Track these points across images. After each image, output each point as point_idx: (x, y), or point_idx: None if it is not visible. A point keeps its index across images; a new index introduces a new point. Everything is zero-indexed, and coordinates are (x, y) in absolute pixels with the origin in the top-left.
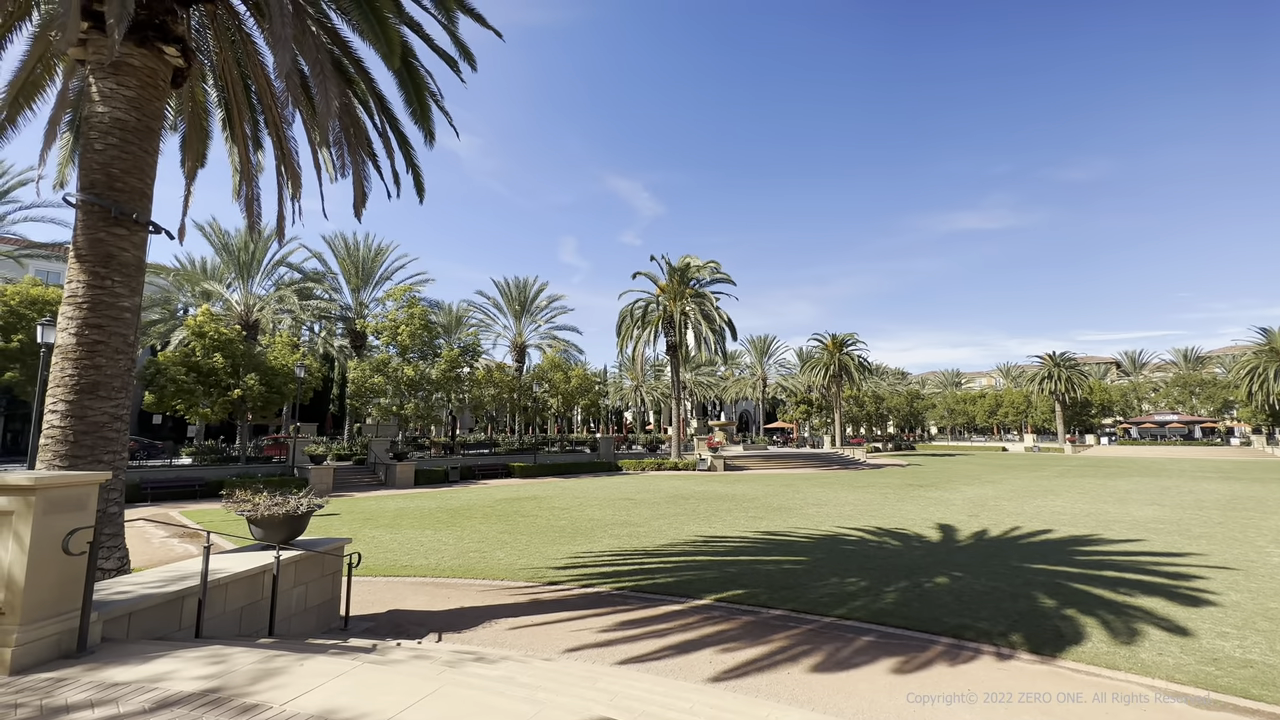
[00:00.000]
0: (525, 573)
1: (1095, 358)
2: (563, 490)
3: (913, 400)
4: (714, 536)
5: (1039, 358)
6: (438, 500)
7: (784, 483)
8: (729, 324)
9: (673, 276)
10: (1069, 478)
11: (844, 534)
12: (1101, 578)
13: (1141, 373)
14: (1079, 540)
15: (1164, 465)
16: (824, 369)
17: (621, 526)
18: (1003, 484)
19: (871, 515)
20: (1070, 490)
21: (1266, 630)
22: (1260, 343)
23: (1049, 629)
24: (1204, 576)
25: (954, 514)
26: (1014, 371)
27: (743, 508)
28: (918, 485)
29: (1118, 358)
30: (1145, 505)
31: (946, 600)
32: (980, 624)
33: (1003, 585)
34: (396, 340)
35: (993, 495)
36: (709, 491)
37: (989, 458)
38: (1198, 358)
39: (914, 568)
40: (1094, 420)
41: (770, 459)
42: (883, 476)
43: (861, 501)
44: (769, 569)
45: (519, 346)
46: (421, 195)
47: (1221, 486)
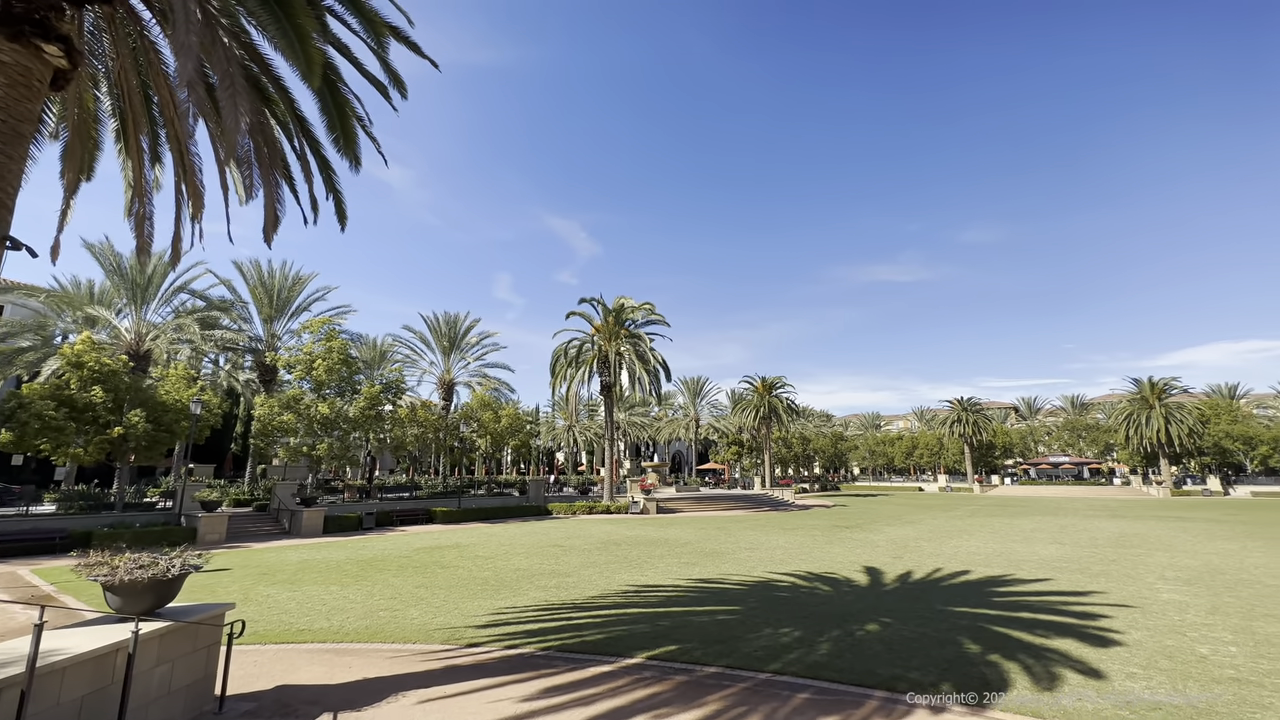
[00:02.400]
0: (441, 633)
1: (997, 403)
2: (488, 537)
3: (837, 442)
4: (646, 586)
5: (949, 402)
6: (348, 550)
7: (717, 525)
8: (663, 365)
9: (608, 317)
10: (979, 517)
11: (776, 580)
12: (1018, 619)
13: (1036, 417)
14: (995, 581)
15: (1060, 504)
16: (754, 410)
17: (549, 577)
18: (921, 524)
19: (802, 559)
20: (982, 530)
21: (1168, 669)
22: (1133, 392)
23: (976, 677)
24: (1108, 615)
25: (879, 556)
26: (927, 415)
27: (676, 553)
28: (844, 526)
29: (1016, 403)
30: (1049, 544)
31: (878, 649)
32: (912, 674)
33: (930, 631)
34: (311, 375)
35: (914, 536)
36: (641, 536)
37: (907, 497)
38: (1083, 404)
39: (845, 614)
40: (998, 461)
41: (702, 501)
42: (811, 518)
43: (792, 545)
44: (703, 620)
45: (447, 384)
46: (343, 223)
47: (1110, 524)
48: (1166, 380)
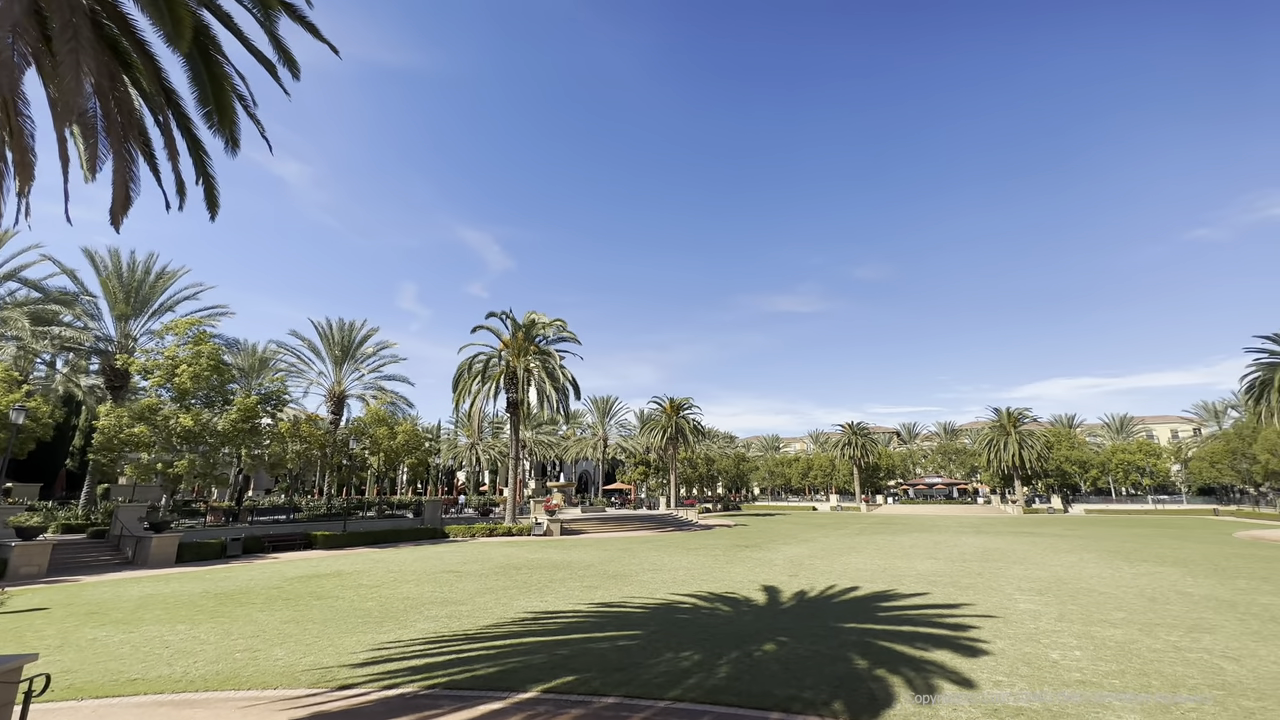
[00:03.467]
0: (310, 675)
1: (882, 427)
2: (375, 563)
3: (740, 463)
4: (545, 612)
5: (841, 426)
6: (205, 582)
7: (621, 547)
8: (573, 383)
9: (517, 332)
10: (866, 535)
11: (679, 602)
12: (901, 633)
13: (915, 441)
14: (880, 596)
15: (934, 521)
16: (662, 431)
17: (441, 605)
18: (815, 542)
19: (704, 579)
20: (868, 547)
21: (1027, 675)
22: (994, 420)
23: (864, 693)
24: (976, 626)
25: (777, 575)
26: (821, 438)
27: (578, 576)
28: (744, 546)
29: (898, 428)
30: (925, 559)
31: (775, 670)
32: (806, 694)
33: (823, 649)
34: (174, 382)
35: (808, 554)
36: (543, 559)
37: (802, 516)
38: (953, 430)
39: (744, 635)
40: (882, 482)
41: (608, 521)
42: (713, 537)
43: (695, 565)
44: (603, 648)
45: (337, 396)
46: (213, 210)
47: (975, 540)
48: (1020, 410)
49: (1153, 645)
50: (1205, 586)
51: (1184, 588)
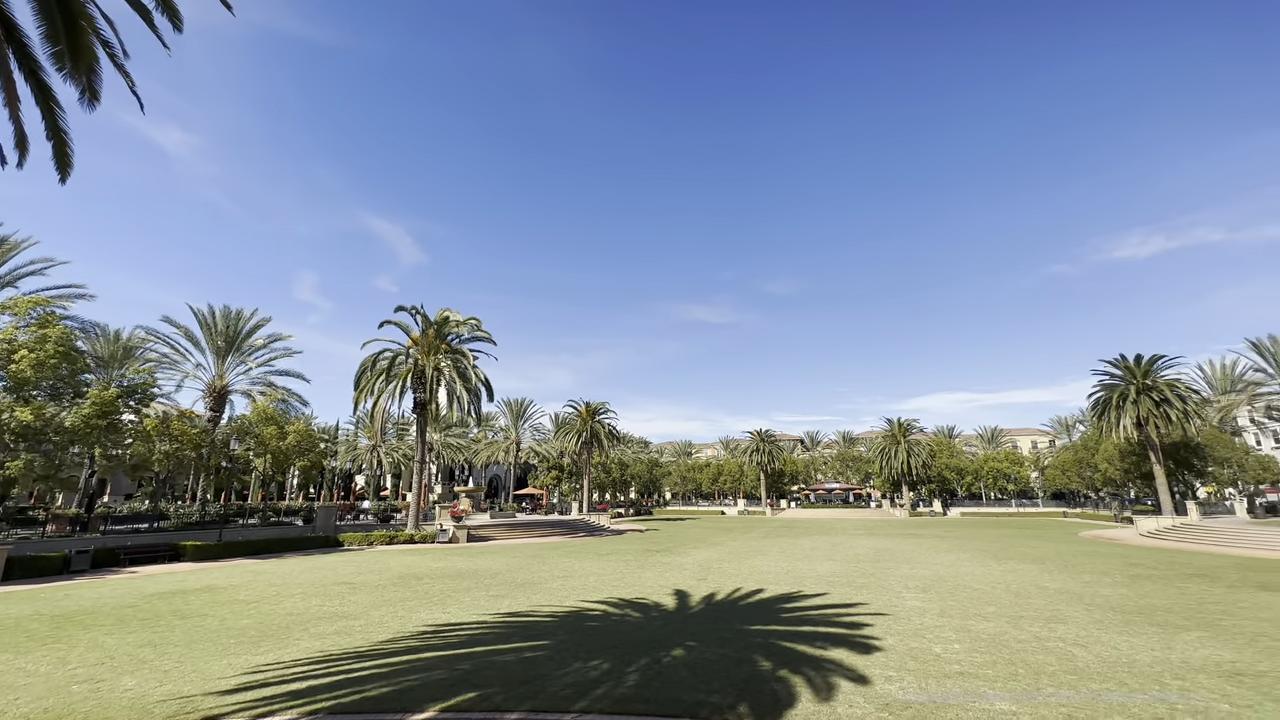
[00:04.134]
0: (167, 707)
1: (788, 435)
2: (256, 576)
3: (653, 468)
4: (447, 624)
5: (750, 433)
6: (39, 602)
7: (531, 553)
8: (486, 384)
9: (428, 329)
10: (771, 538)
11: (589, 609)
12: (803, 634)
13: (817, 448)
14: (784, 598)
15: (832, 524)
16: (577, 435)
17: (330, 621)
18: (724, 546)
19: (615, 585)
20: (773, 550)
21: (915, 670)
22: (887, 430)
23: (768, 695)
24: (870, 624)
25: (686, 579)
26: (731, 444)
27: (484, 585)
28: (656, 550)
29: (802, 436)
30: (825, 561)
31: (684, 675)
32: (713, 698)
33: (730, 652)
34: (10, 370)
35: (717, 558)
36: (447, 568)
37: (712, 520)
38: (850, 439)
39: (653, 641)
40: (786, 487)
41: (518, 527)
42: (625, 542)
43: (606, 571)
44: (507, 660)
45: (218, 391)
46: (64, 172)
47: (869, 542)
48: (909, 421)
49: (1019, 636)
50: (1059, 581)
51: (1042, 583)
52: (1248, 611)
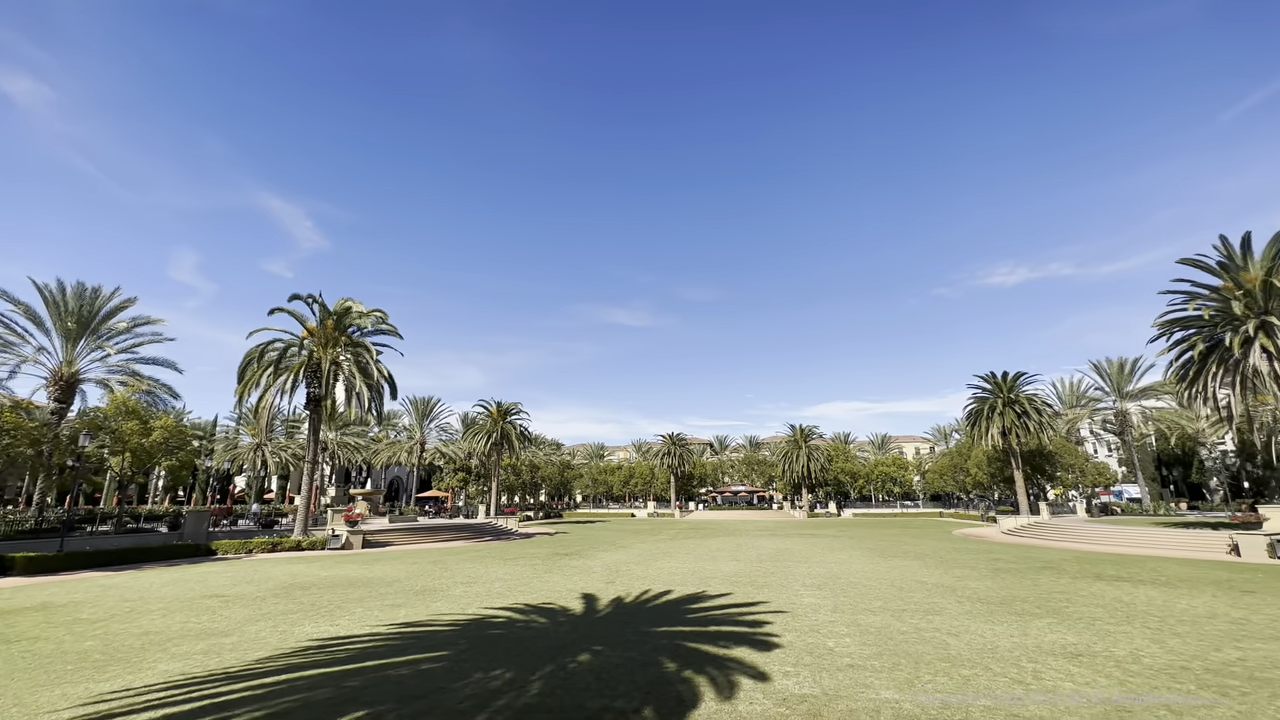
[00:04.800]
0: None
1: (698, 439)
2: (106, 591)
3: (564, 470)
4: (335, 638)
5: (662, 436)
6: None
7: (433, 559)
8: (389, 380)
9: (326, 319)
10: (679, 539)
11: (492, 616)
12: (707, 633)
13: (725, 452)
14: (691, 598)
15: (738, 526)
16: (487, 436)
17: (196, 639)
18: (633, 548)
19: (521, 591)
20: (681, 551)
21: (810, 665)
22: (789, 435)
23: (672, 696)
24: (770, 622)
25: (595, 582)
26: (643, 447)
27: (379, 594)
28: (564, 554)
29: (711, 440)
30: (729, 561)
31: (589, 681)
32: (618, 703)
33: (636, 655)
34: None
35: (626, 560)
36: (338, 576)
37: (622, 523)
38: (756, 443)
39: (559, 647)
40: (695, 490)
41: (419, 532)
42: (533, 546)
43: (512, 576)
44: (403, 674)
45: (66, 380)
46: None
47: (771, 542)
48: (810, 428)
49: (901, 629)
50: (935, 576)
51: (921, 578)
52: (1085, 599)
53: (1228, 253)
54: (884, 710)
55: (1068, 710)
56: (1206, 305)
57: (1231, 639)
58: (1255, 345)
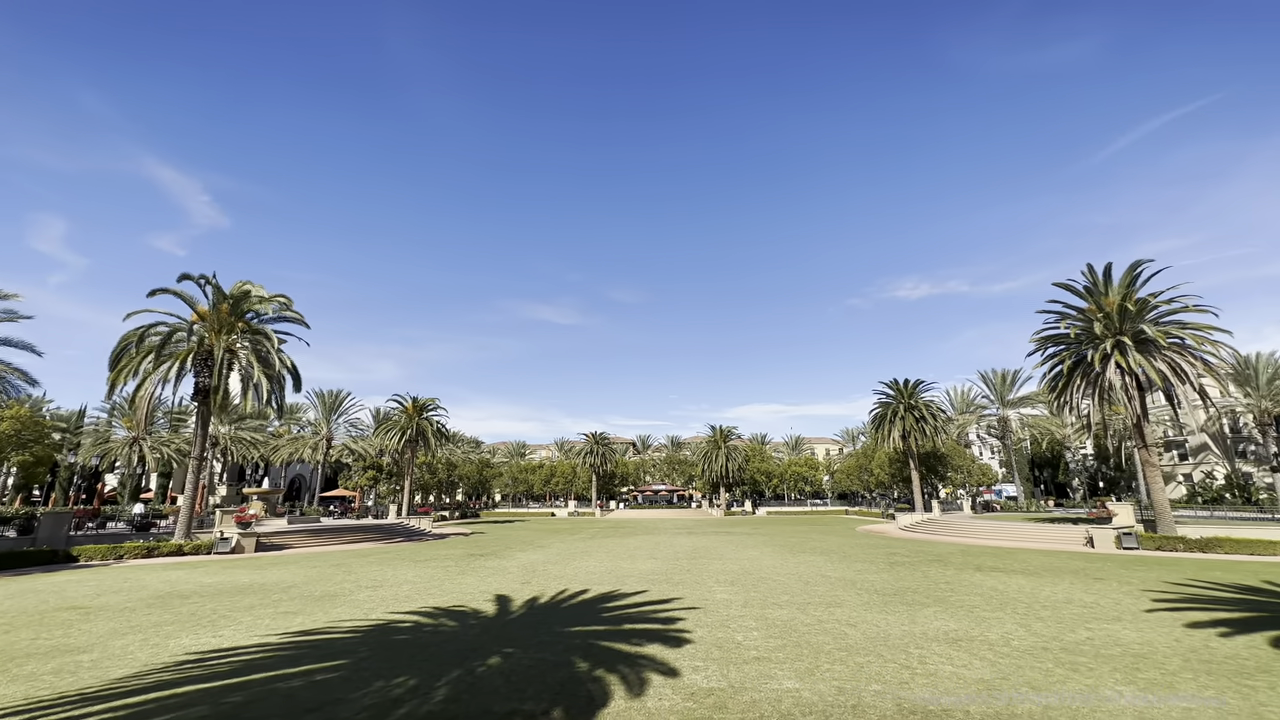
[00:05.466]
0: None
1: (621, 438)
2: None
3: (483, 468)
4: (217, 650)
5: (585, 435)
6: None
7: (336, 562)
8: (293, 371)
9: (221, 303)
10: (599, 539)
11: (398, 621)
12: (621, 631)
13: (647, 452)
14: (606, 597)
15: (657, 524)
16: (401, 432)
17: (46, 658)
18: (551, 548)
19: (431, 594)
20: (599, 550)
21: (719, 658)
22: (710, 436)
23: (583, 696)
24: (683, 618)
25: (510, 583)
26: (566, 446)
27: (273, 601)
28: (480, 554)
29: (634, 439)
30: (646, 559)
31: (498, 684)
32: (527, 705)
33: (548, 656)
34: None
35: (543, 560)
36: (225, 583)
37: (542, 522)
38: (678, 443)
39: (468, 650)
40: (617, 489)
41: (323, 534)
42: (447, 547)
43: (422, 578)
44: (294, 685)
45: None
46: None
47: (688, 540)
48: (729, 428)
49: (805, 621)
50: (838, 570)
51: (826, 572)
52: (966, 589)
53: (1093, 279)
54: (785, 699)
55: (946, 691)
56: (1074, 325)
57: (1083, 621)
58: (1111, 362)
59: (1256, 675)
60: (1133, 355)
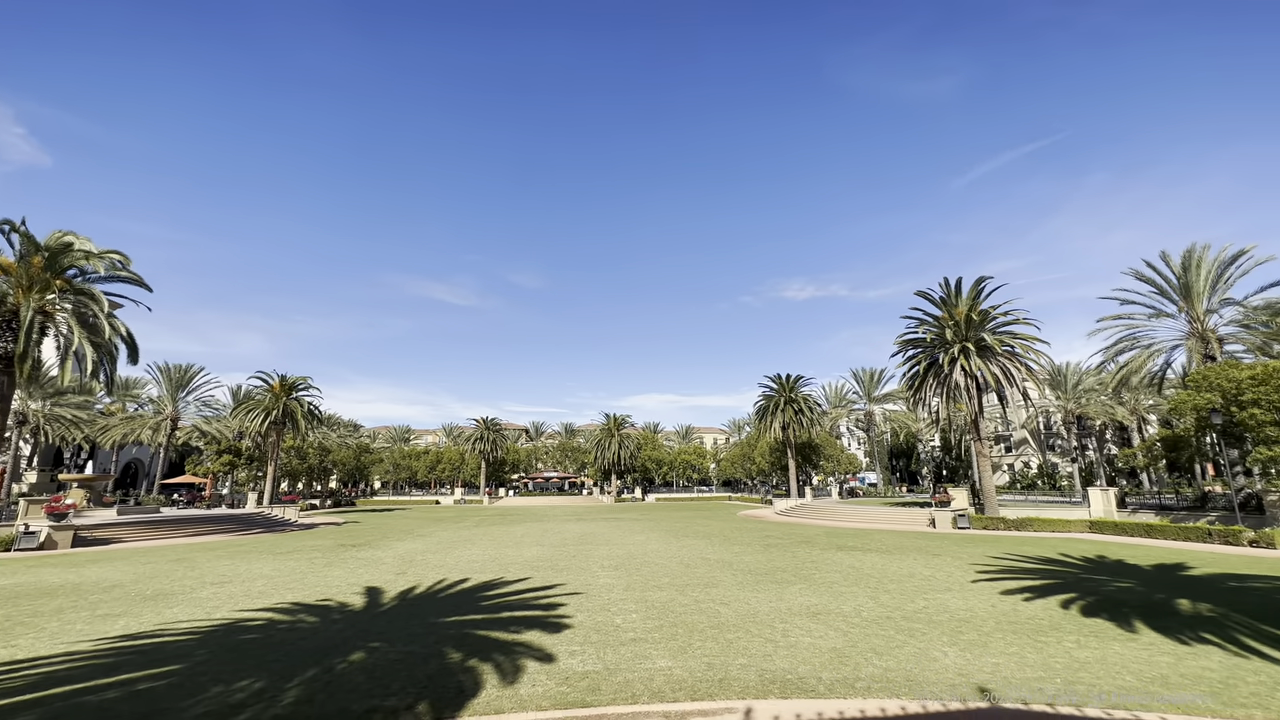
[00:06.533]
0: None
1: (514, 424)
2: None
3: (361, 454)
4: (10, 663)
5: (475, 420)
6: None
7: (176, 557)
8: (128, 340)
9: (33, 255)
10: (484, 526)
11: (248, 620)
12: (499, 619)
13: (541, 438)
14: (487, 585)
15: (547, 511)
16: (265, 413)
17: None
18: (432, 537)
19: (291, 588)
20: (484, 538)
21: (596, 641)
22: (604, 423)
23: (452, 687)
24: (565, 603)
25: (383, 574)
26: (455, 431)
27: (89, 604)
28: (352, 545)
29: (528, 426)
30: (533, 546)
31: (359, 681)
32: (390, 701)
33: (418, 648)
34: None
35: (422, 549)
36: (28, 584)
37: (424, 510)
38: (572, 430)
39: (329, 647)
40: (507, 476)
41: (163, 525)
42: (315, 538)
43: (282, 572)
44: (110, 697)
45: None
46: None
47: (577, 526)
48: (623, 417)
49: (683, 602)
50: (718, 553)
51: (706, 555)
52: (829, 567)
53: (947, 291)
54: (657, 678)
55: (803, 661)
56: (930, 330)
57: (921, 592)
58: (958, 365)
59: (1049, 632)
60: (975, 360)
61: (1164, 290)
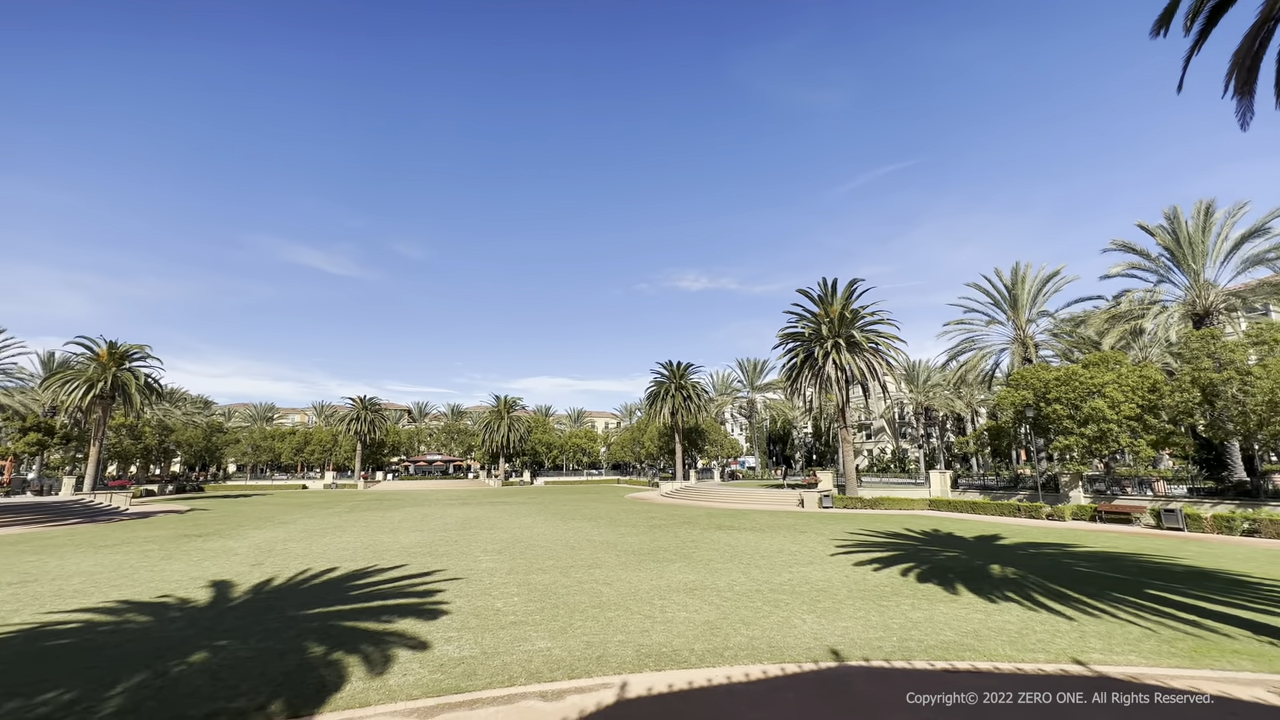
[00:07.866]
0: None
1: (396, 405)
2: None
3: (212, 434)
4: None
5: (351, 400)
6: None
7: None
8: None
9: None
10: (357, 512)
11: (57, 623)
12: (370, 609)
13: (425, 420)
14: (357, 574)
15: (428, 496)
16: (88, 385)
17: None
18: (296, 524)
19: (116, 585)
20: (356, 525)
21: (475, 626)
22: (493, 405)
23: (313, 683)
24: (443, 590)
25: (235, 566)
26: (328, 410)
27: None
28: (197, 535)
29: (411, 406)
30: (411, 532)
31: (200, 684)
32: (237, 702)
33: (273, 644)
34: None
35: (283, 538)
36: None
37: (288, 496)
38: (460, 412)
39: (164, 649)
40: (386, 459)
41: None
42: (150, 528)
43: (105, 567)
44: None
45: None
46: None
47: (461, 510)
48: (514, 399)
49: (566, 583)
50: (603, 534)
51: (592, 537)
52: (707, 545)
53: (824, 290)
54: (536, 659)
55: (678, 634)
56: (808, 326)
57: (788, 566)
58: (830, 359)
59: (890, 598)
60: (845, 354)
61: (998, 301)
